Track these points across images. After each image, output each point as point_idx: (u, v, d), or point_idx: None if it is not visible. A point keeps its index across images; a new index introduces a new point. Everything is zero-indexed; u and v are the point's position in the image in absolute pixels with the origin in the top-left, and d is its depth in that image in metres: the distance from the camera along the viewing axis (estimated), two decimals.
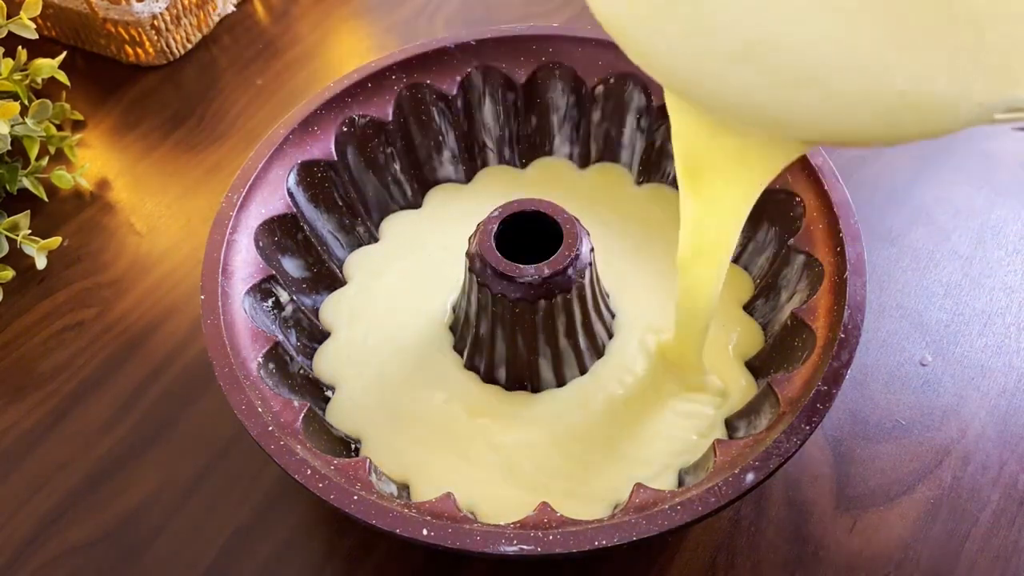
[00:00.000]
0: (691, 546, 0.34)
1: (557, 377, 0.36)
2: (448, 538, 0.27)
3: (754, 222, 0.38)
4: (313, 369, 0.37)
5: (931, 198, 0.45)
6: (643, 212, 0.41)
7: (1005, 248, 0.43)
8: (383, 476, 0.32)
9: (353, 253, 0.41)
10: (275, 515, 0.36)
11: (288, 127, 0.38)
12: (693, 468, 0.33)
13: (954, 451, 0.37)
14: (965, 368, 0.39)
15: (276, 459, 0.29)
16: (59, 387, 0.40)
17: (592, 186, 0.43)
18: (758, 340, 0.37)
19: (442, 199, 0.43)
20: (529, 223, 0.34)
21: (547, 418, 0.35)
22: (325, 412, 0.36)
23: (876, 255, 0.43)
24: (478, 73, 0.41)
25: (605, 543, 0.27)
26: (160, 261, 0.45)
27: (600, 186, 0.43)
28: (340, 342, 0.38)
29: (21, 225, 0.43)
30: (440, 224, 0.42)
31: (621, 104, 0.41)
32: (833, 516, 0.35)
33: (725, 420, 0.35)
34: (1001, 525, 0.35)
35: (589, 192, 0.42)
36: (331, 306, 0.39)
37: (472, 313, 0.35)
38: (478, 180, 0.43)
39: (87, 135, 0.51)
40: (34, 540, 0.36)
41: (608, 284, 0.38)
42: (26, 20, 0.44)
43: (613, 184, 0.43)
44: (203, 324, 0.32)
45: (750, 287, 0.39)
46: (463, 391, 0.36)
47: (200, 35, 0.55)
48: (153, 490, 0.37)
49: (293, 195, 0.38)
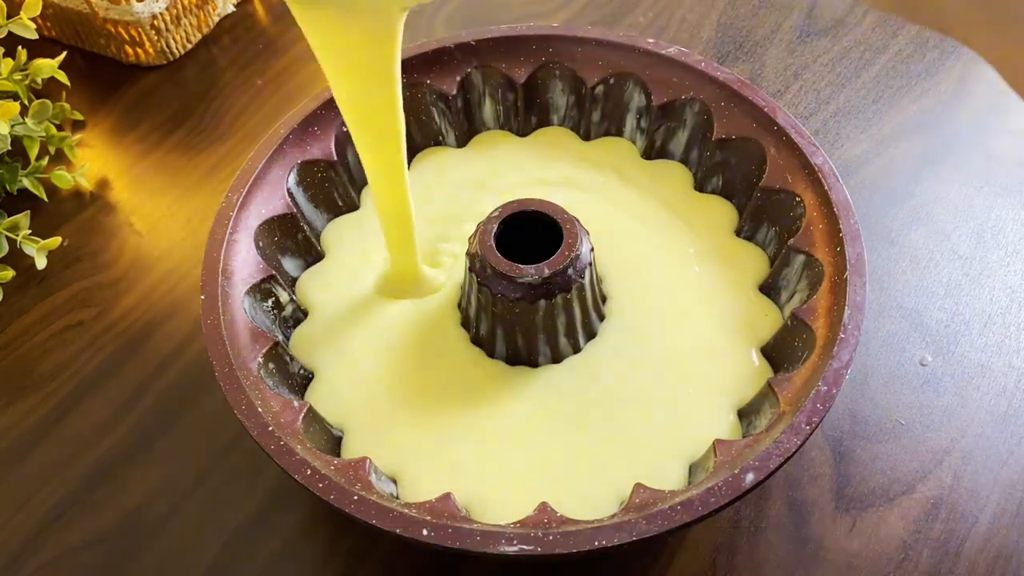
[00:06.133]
0: (691, 546, 0.34)
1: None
2: (448, 538, 0.27)
3: (754, 222, 0.38)
4: (291, 349, 0.36)
5: (931, 198, 0.45)
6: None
7: (1005, 248, 0.43)
8: (383, 476, 0.32)
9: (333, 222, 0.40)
10: (275, 515, 0.36)
11: (288, 127, 0.38)
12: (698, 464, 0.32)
13: (954, 451, 0.37)
14: (965, 368, 0.39)
15: (276, 459, 0.29)
16: (59, 387, 0.40)
17: (597, 161, 0.42)
18: (775, 322, 0.36)
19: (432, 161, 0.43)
20: (529, 223, 0.34)
21: (544, 396, 0.34)
22: (305, 394, 0.35)
23: (876, 255, 0.43)
24: (478, 73, 0.41)
25: (605, 543, 0.27)
26: (160, 261, 0.45)
27: (604, 161, 0.42)
28: (315, 324, 0.37)
29: (21, 225, 0.43)
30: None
31: (621, 104, 0.41)
32: (833, 516, 0.35)
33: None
34: (1001, 525, 0.35)
35: (595, 164, 0.42)
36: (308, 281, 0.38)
37: (473, 313, 0.35)
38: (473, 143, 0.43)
39: (87, 135, 0.51)
40: (34, 540, 0.36)
41: (602, 268, 0.37)
42: (26, 20, 0.44)
43: (617, 158, 0.42)
44: (203, 324, 0.32)
45: (766, 266, 0.38)
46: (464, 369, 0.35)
47: (200, 35, 0.55)
48: (153, 490, 0.37)
49: (293, 195, 0.38)
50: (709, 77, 0.39)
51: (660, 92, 0.40)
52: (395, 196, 0.34)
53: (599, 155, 0.42)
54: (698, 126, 0.40)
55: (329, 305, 0.37)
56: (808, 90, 0.50)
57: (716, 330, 0.36)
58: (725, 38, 0.53)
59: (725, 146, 0.39)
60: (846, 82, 0.50)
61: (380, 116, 0.32)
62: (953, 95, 0.50)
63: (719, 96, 0.39)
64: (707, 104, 0.39)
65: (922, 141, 0.48)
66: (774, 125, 0.37)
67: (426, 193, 0.41)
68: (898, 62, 0.51)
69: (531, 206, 0.34)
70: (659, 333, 0.36)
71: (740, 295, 0.37)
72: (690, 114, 0.40)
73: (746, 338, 0.35)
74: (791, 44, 0.53)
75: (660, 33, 0.54)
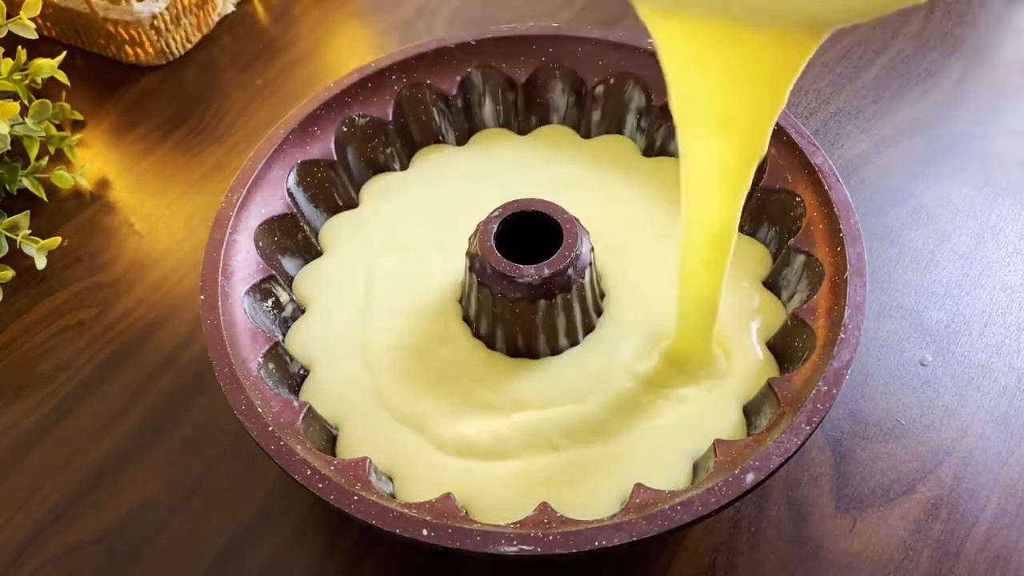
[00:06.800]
0: (691, 546, 0.34)
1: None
2: (448, 538, 0.27)
3: (754, 222, 0.38)
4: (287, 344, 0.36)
5: (931, 198, 0.45)
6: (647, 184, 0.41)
7: (1005, 248, 0.43)
8: (382, 476, 0.32)
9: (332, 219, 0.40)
10: (275, 515, 0.36)
11: (288, 127, 0.38)
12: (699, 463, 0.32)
13: (954, 451, 0.37)
14: (965, 368, 0.39)
15: (276, 459, 0.29)
16: (59, 387, 0.40)
17: (598, 158, 0.42)
18: (779, 317, 0.36)
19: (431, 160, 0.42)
20: (529, 223, 0.34)
21: (544, 392, 0.34)
22: (301, 389, 0.35)
23: (876, 255, 0.43)
24: (478, 73, 0.41)
25: (605, 543, 0.27)
26: (160, 261, 0.45)
27: (605, 158, 0.42)
28: (314, 318, 0.37)
29: (21, 225, 0.43)
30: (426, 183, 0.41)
31: (621, 104, 0.41)
32: (833, 516, 0.35)
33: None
34: (1001, 525, 0.35)
35: (595, 161, 0.42)
36: (308, 277, 0.38)
37: (473, 312, 0.35)
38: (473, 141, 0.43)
39: (87, 135, 0.51)
40: (34, 540, 0.36)
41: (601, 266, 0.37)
42: (26, 20, 0.44)
43: (618, 156, 0.42)
44: (203, 324, 0.32)
45: (768, 261, 0.38)
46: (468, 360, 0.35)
47: (200, 35, 0.55)
48: (153, 490, 0.37)
49: (293, 195, 0.38)
50: None
51: (660, 92, 0.40)
52: (712, 278, 0.31)
53: (599, 152, 0.42)
54: None
55: (327, 301, 0.37)
56: (808, 90, 0.50)
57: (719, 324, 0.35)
58: None
59: None
60: (846, 82, 0.50)
61: (736, 174, 0.27)
62: (953, 95, 0.50)
63: None
64: None
65: (922, 141, 0.48)
66: None
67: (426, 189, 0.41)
68: (898, 62, 0.51)
69: (531, 206, 0.34)
70: (659, 330, 0.36)
71: (743, 290, 0.37)
72: None
73: (750, 332, 0.35)
74: None
75: None
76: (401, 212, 0.40)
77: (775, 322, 0.35)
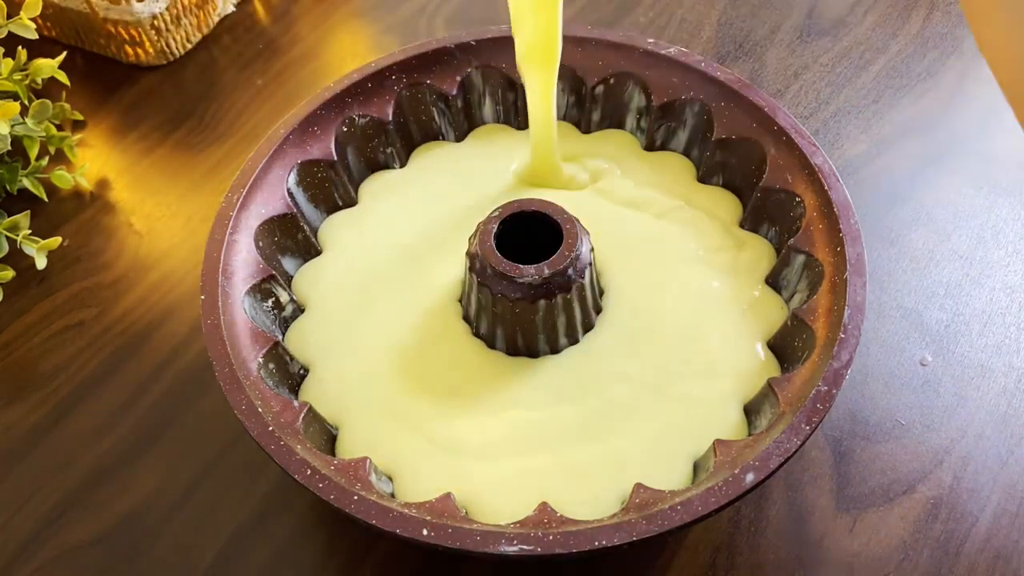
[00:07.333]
0: (691, 546, 0.34)
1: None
2: (448, 538, 0.27)
3: (754, 222, 0.38)
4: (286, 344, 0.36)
5: (931, 198, 0.45)
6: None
7: (1005, 248, 0.43)
8: (382, 476, 0.32)
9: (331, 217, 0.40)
10: (275, 515, 0.36)
11: (288, 127, 0.38)
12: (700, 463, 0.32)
13: (954, 451, 0.37)
14: (965, 368, 0.39)
15: (276, 459, 0.29)
16: (59, 387, 0.40)
17: (598, 152, 0.42)
18: (780, 315, 0.36)
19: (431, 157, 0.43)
20: (529, 223, 0.34)
21: (544, 391, 0.34)
22: (300, 388, 0.35)
23: (876, 255, 0.43)
24: (478, 73, 0.41)
25: (605, 543, 0.27)
26: (160, 261, 0.45)
27: (605, 152, 0.42)
28: (314, 316, 0.37)
29: (21, 225, 0.43)
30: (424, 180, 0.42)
31: (621, 104, 0.41)
32: (833, 516, 0.35)
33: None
34: (1001, 525, 0.35)
35: (596, 155, 0.42)
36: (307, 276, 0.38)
37: (473, 312, 0.35)
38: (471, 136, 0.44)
39: (87, 135, 0.51)
40: (34, 540, 0.36)
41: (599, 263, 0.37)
42: (26, 20, 0.44)
43: (618, 149, 0.42)
44: (203, 324, 0.32)
45: (771, 259, 0.37)
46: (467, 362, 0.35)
47: (200, 35, 0.55)
48: (153, 490, 0.37)
49: (293, 195, 0.38)
50: (709, 77, 0.39)
51: (660, 92, 0.40)
52: (545, 99, 0.37)
53: (600, 146, 0.42)
54: (698, 126, 0.40)
55: (326, 300, 0.37)
56: (808, 90, 0.50)
57: (720, 323, 0.35)
58: (725, 38, 0.53)
59: (725, 146, 0.39)
60: (846, 82, 0.50)
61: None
62: (953, 95, 0.50)
63: (719, 96, 0.39)
64: (707, 104, 0.39)
65: (922, 141, 0.48)
66: (774, 125, 0.37)
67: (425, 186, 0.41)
68: (898, 62, 0.51)
69: (531, 206, 0.34)
70: (659, 327, 0.35)
71: (745, 288, 0.37)
72: (690, 114, 0.40)
73: (751, 331, 0.35)
74: (791, 44, 0.53)
75: (660, 33, 0.54)
76: (400, 210, 0.40)
77: (777, 321, 0.35)
